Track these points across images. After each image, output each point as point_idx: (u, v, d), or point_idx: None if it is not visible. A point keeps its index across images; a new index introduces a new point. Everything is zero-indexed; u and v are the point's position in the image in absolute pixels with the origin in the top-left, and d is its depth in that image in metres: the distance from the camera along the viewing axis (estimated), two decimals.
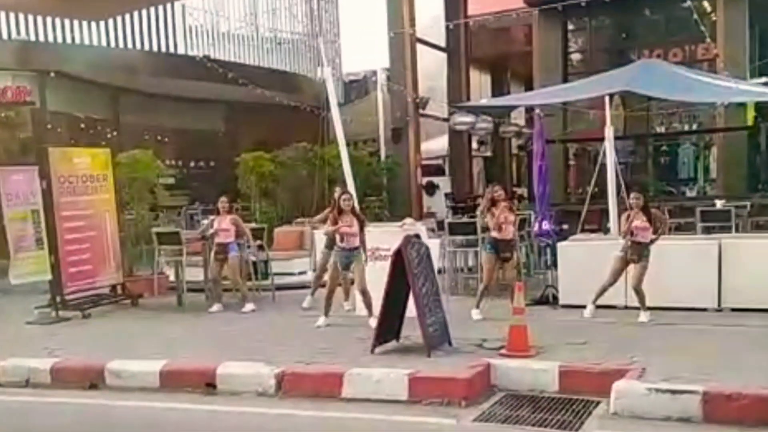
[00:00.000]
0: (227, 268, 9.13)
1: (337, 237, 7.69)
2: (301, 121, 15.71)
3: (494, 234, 7.98)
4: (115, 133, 17.91)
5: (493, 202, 8.02)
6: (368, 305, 7.50)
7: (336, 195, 8.43)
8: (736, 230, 10.59)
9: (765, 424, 4.72)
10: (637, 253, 7.41)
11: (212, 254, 9.20)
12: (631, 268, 7.48)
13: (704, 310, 7.63)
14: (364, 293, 7.57)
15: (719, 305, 7.70)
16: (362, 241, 7.68)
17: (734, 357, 5.92)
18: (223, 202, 9.32)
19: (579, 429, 4.90)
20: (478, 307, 7.93)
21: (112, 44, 18.04)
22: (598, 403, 5.29)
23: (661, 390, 5.03)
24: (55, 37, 17.12)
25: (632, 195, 7.61)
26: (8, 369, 6.75)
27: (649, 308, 7.47)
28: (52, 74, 16.29)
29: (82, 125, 17.46)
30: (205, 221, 9.99)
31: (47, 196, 9.19)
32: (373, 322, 6.94)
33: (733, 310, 7.56)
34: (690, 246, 8.38)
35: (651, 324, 7.28)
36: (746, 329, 6.87)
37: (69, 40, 17.27)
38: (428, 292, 6.50)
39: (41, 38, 17.06)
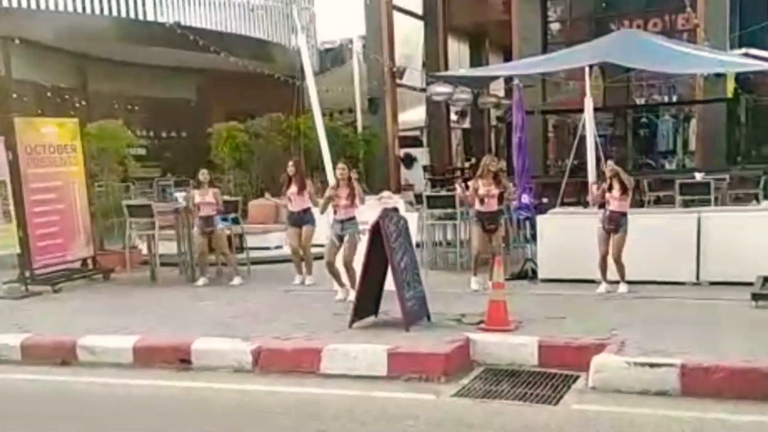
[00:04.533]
0: (216, 241, 9.03)
1: (331, 208, 7.61)
2: (276, 91, 15.39)
3: (478, 207, 7.92)
4: (83, 103, 17.48)
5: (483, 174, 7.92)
6: (352, 281, 7.33)
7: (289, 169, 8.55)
8: (715, 203, 10.65)
9: (742, 397, 4.74)
10: (615, 223, 7.39)
11: (196, 228, 9.07)
12: (611, 239, 7.45)
13: (682, 283, 7.63)
14: (349, 269, 7.43)
15: (698, 278, 7.70)
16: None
17: (712, 330, 5.94)
18: (204, 174, 9.16)
19: (558, 403, 4.89)
20: (475, 275, 7.88)
21: (79, 10, 17.46)
22: (577, 377, 5.29)
23: (640, 363, 5.03)
24: (19, 3, 16.52)
25: (609, 164, 7.59)
26: None
27: (628, 282, 7.48)
28: (17, 41, 15.76)
29: (49, 94, 17.00)
30: (180, 195, 9.77)
31: (14, 168, 8.96)
32: (352, 296, 6.84)
33: (712, 283, 7.57)
34: (669, 219, 8.39)
35: (630, 298, 7.29)
36: (724, 302, 6.90)
37: (34, 6, 16.68)
38: (407, 267, 6.42)
39: (5, 3, 16.45)
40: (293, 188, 8.53)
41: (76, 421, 5.03)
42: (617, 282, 7.52)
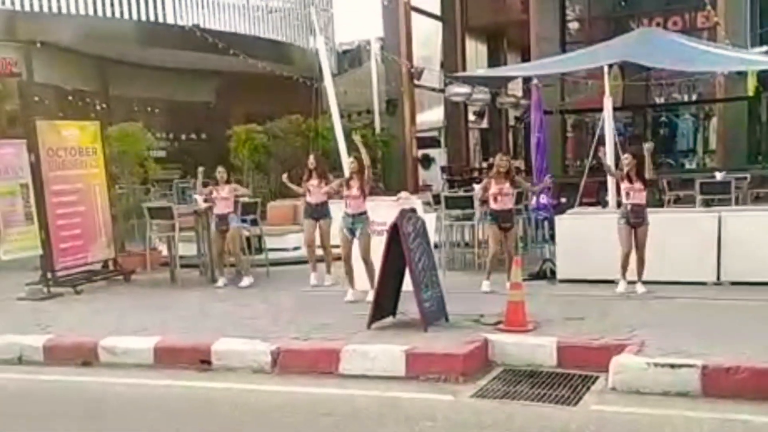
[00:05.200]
0: (228, 240, 9.06)
1: (344, 202, 7.67)
2: (294, 93, 15.49)
3: (492, 205, 7.92)
4: (104, 106, 17.66)
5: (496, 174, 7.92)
6: (370, 276, 7.31)
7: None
8: (736, 202, 10.54)
9: (763, 397, 4.69)
10: (640, 216, 7.35)
11: (212, 226, 9.12)
12: (636, 233, 7.35)
13: (703, 283, 7.56)
14: (367, 263, 7.42)
15: (718, 278, 7.64)
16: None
17: (733, 330, 5.89)
18: (221, 172, 9.22)
19: (577, 404, 4.86)
20: (488, 278, 7.86)
21: (100, 14, 17.67)
22: (596, 378, 5.26)
23: (660, 364, 4.98)
24: (41, 7, 16.75)
25: (633, 153, 7.53)
26: (1, 346, 6.66)
27: (648, 282, 7.40)
28: (39, 45, 15.98)
29: (70, 97, 17.19)
30: (198, 196, 9.85)
31: (36, 170, 9.05)
32: (370, 297, 6.85)
33: (733, 283, 7.51)
34: (689, 219, 8.31)
35: (650, 298, 7.22)
36: (745, 303, 6.83)
37: (55, 10, 16.91)
38: (425, 267, 6.42)
39: (27, 8, 16.69)
40: (314, 180, 8.57)
41: (76, 420, 5.07)
42: (635, 282, 7.46)
